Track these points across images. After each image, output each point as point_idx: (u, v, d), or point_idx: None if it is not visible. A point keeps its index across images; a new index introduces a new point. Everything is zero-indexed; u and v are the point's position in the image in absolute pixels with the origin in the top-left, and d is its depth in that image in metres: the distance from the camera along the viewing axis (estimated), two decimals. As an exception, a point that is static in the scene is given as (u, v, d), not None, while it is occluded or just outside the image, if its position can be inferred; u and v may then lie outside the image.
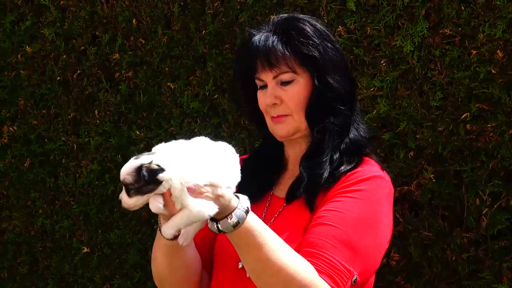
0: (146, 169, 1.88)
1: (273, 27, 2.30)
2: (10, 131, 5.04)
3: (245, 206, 1.99)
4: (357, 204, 2.13)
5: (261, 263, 2.00)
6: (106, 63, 4.64)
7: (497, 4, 3.36)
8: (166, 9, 4.35)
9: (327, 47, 2.28)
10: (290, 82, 2.25)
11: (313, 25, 2.30)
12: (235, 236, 1.99)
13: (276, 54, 2.23)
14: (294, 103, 2.26)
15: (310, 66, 2.25)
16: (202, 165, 1.95)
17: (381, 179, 2.23)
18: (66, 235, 4.94)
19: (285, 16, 2.36)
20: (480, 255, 3.46)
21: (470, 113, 3.45)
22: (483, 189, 3.43)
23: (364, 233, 2.10)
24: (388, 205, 2.22)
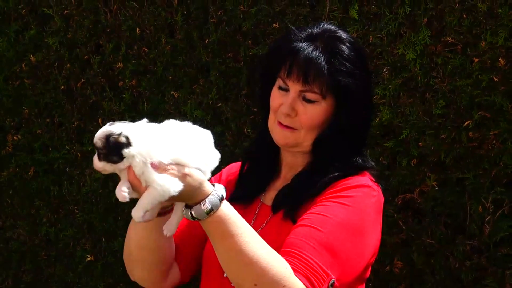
0: (113, 140, 1.89)
1: (318, 40, 2.21)
2: (14, 140, 5.05)
3: (220, 194, 1.95)
4: (342, 209, 2.10)
5: (232, 253, 1.96)
6: (110, 71, 4.65)
7: (499, 12, 3.37)
8: (169, 18, 4.37)
9: (362, 76, 2.23)
10: (312, 102, 2.20)
11: (357, 50, 2.24)
12: (208, 224, 1.95)
13: (315, 74, 2.17)
14: (308, 122, 2.21)
15: (340, 94, 2.20)
16: (168, 143, 1.92)
17: (368, 188, 2.19)
18: (70, 243, 4.95)
19: (331, 33, 2.24)
20: (483, 263, 3.47)
21: (473, 121, 3.46)
22: (486, 197, 3.44)
23: (346, 239, 2.07)
24: (375, 214, 2.18)
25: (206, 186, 1.95)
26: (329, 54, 2.18)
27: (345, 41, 2.22)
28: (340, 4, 3.75)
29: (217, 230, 1.96)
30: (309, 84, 2.17)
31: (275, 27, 3.95)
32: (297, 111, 2.21)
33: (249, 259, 1.95)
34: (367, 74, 2.27)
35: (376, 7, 3.67)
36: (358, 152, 2.28)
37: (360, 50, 2.27)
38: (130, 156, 1.88)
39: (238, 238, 1.95)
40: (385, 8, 3.64)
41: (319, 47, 2.19)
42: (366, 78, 2.25)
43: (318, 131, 2.23)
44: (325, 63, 2.17)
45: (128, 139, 1.89)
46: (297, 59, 2.19)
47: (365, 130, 2.32)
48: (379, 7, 3.66)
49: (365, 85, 2.24)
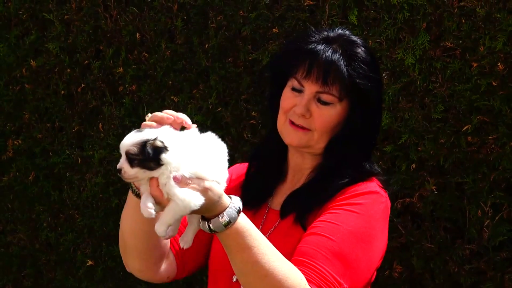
0: (150, 145, 1.88)
1: (335, 43, 2.22)
2: (15, 145, 5.06)
3: (237, 206, 1.97)
4: (353, 217, 2.12)
5: (249, 265, 1.97)
6: (110, 76, 4.66)
7: (498, 17, 3.38)
8: (169, 23, 4.38)
9: (377, 80, 2.26)
10: (328, 104, 2.20)
11: (371, 54, 2.28)
12: (225, 236, 1.97)
13: (335, 76, 2.18)
14: (322, 124, 2.21)
15: (356, 97, 2.21)
16: (190, 156, 1.92)
17: (377, 194, 2.20)
18: (71, 248, 4.95)
19: (346, 37, 2.26)
20: (482, 267, 3.47)
21: (472, 125, 3.47)
22: (485, 201, 3.45)
23: (357, 247, 2.09)
24: (383, 220, 2.20)
25: (224, 199, 1.96)
26: (348, 57, 2.21)
27: (360, 45, 2.25)
28: (340, 9, 3.77)
29: (234, 243, 1.97)
30: (328, 86, 2.19)
31: (275, 32, 3.96)
32: (312, 112, 2.21)
33: (265, 271, 1.97)
34: (379, 76, 2.30)
35: (375, 12, 3.68)
36: (367, 157, 2.30)
37: (374, 54, 2.30)
38: (167, 162, 1.87)
39: (255, 251, 1.97)
40: (384, 13, 3.65)
41: (338, 50, 2.21)
42: (379, 81, 2.29)
43: (331, 134, 2.23)
44: (345, 66, 2.19)
45: (164, 144, 1.88)
46: (317, 60, 2.19)
47: (375, 135, 2.34)
48: (378, 12, 3.67)
49: (379, 89, 2.29)
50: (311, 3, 3.85)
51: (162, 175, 1.88)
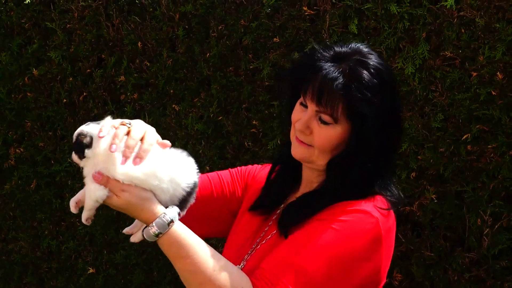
0: (79, 139, 2.07)
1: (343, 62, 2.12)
2: (17, 153, 5.07)
3: (169, 217, 2.02)
4: (330, 232, 2.05)
5: (186, 273, 2.04)
6: (112, 85, 4.68)
7: (497, 27, 3.40)
8: (171, 32, 4.40)
9: (382, 105, 2.11)
10: (327, 124, 2.13)
11: (381, 77, 2.12)
12: (160, 245, 2.04)
13: (328, 97, 2.10)
14: (321, 143, 2.15)
15: (355, 121, 2.12)
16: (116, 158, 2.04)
17: (366, 214, 2.09)
18: (72, 255, 4.97)
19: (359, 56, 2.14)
20: (482, 275, 3.48)
21: (471, 134, 3.48)
22: (484, 209, 3.46)
23: (324, 263, 2.03)
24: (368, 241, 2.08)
25: (153, 208, 2.04)
26: (348, 79, 2.09)
27: (370, 66, 2.11)
28: (340, 19, 3.78)
29: (169, 252, 2.05)
30: (323, 106, 2.11)
31: (276, 41, 3.98)
32: (312, 130, 2.16)
33: (201, 279, 2.02)
34: (389, 103, 2.15)
35: (375, 22, 3.70)
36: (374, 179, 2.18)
37: (384, 78, 2.14)
38: (88, 157, 2.05)
39: (190, 260, 2.03)
40: (384, 23, 3.67)
41: (341, 70, 2.11)
42: (388, 107, 2.14)
43: (332, 152, 2.17)
44: (341, 88, 2.09)
45: (91, 141, 2.06)
46: (315, 79, 2.13)
47: (385, 157, 2.19)
48: (378, 21, 3.69)
49: (385, 115, 2.12)
50: (312, 13, 3.87)
51: (86, 167, 2.06)
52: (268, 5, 4.01)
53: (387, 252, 2.14)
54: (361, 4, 3.72)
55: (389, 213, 2.14)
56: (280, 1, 3.97)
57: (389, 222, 2.14)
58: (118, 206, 2.08)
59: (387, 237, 2.13)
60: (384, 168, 2.21)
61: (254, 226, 2.31)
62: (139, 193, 2.04)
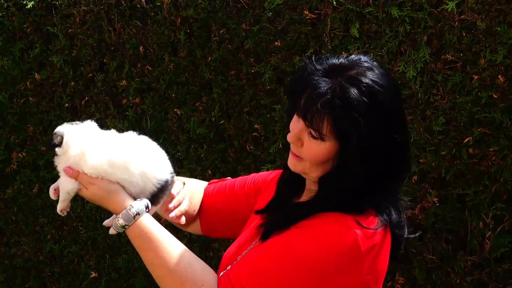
0: (51, 138, 2.20)
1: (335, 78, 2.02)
2: (19, 157, 5.08)
3: (135, 210, 2.16)
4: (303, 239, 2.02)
5: (148, 265, 2.14)
6: (114, 89, 4.69)
7: (498, 30, 3.40)
8: (172, 36, 4.40)
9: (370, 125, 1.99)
10: (316, 138, 2.06)
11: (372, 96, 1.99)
12: (128, 236, 2.16)
13: (313, 115, 2.02)
14: (310, 157, 2.10)
15: (340, 140, 2.03)
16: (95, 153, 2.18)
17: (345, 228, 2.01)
18: (74, 260, 4.97)
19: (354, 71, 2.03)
20: (484, 278, 3.48)
21: (473, 137, 3.48)
22: (486, 213, 3.46)
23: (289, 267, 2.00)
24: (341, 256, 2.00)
25: (120, 200, 2.19)
26: (334, 97, 2.00)
27: (362, 84, 2.00)
28: (341, 23, 3.79)
29: (134, 244, 2.17)
30: (308, 122, 2.05)
31: (277, 45, 3.99)
32: (303, 142, 2.11)
33: (162, 273, 2.11)
34: (382, 125, 2.03)
35: (376, 26, 3.70)
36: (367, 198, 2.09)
37: (377, 97, 2.01)
38: (59, 155, 2.20)
39: (153, 253, 2.13)
40: (386, 26, 3.67)
41: (329, 86, 2.02)
42: (380, 129, 2.02)
43: (323, 167, 2.12)
44: (326, 106, 2.00)
45: (61, 141, 2.18)
46: (305, 94, 2.05)
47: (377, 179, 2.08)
48: (379, 25, 3.69)
49: (376, 136, 2.01)
50: (313, 17, 3.87)
51: (59, 164, 2.21)
52: (270, 9, 4.02)
53: (374, 269, 2.06)
54: (362, 7, 3.72)
55: (376, 232, 2.05)
56: (281, 5, 3.98)
57: (373, 239, 2.04)
58: (88, 197, 2.23)
59: (372, 253, 2.04)
60: (380, 190, 2.09)
61: (253, 230, 2.30)
62: (106, 186, 2.19)
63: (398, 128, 2.08)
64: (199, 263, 2.12)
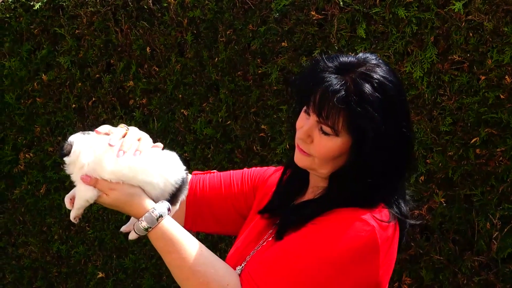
0: (62, 148, 2.14)
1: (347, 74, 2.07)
2: (27, 158, 5.10)
3: (158, 213, 2.12)
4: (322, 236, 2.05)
5: (172, 268, 2.12)
6: (121, 90, 4.70)
7: (505, 30, 3.40)
8: (179, 37, 4.41)
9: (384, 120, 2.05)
10: (328, 135, 2.09)
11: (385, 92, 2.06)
12: (150, 239, 2.12)
13: (329, 110, 2.06)
14: (321, 153, 2.12)
15: (356, 135, 2.07)
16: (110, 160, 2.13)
17: (361, 221, 2.06)
18: (82, 260, 4.98)
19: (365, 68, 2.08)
20: (491, 279, 3.48)
21: (480, 138, 3.48)
22: (493, 213, 3.46)
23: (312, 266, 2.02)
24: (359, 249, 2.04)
25: (142, 203, 2.14)
26: (350, 93, 2.04)
27: (374, 79, 2.06)
28: (348, 23, 3.79)
29: (157, 246, 2.13)
30: (323, 118, 2.08)
31: (284, 45, 3.99)
32: (313, 138, 2.13)
33: (186, 274, 2.09)
34: (394, 120, 2.09)
35: (383, 26, 3.70)
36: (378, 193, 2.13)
37: (389, 93, 2.07)
38: (69, 163, 2.15)
39: (176, 255, 2.10)
40: (392, 27, 3.67)
41: (343, 82, 2.06)
42: (392, 124, 2.08)
43: (333, 163, 2.14)
44: (342, 101, 2.04)
45: (70, 150, 2.13)
46: (317, 90, 2.09)
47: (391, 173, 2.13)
48: (386, 26, 3.69)
49: (388, 131, 2.06)
50: (320, 17, 3.88)
51: (72, 173, 2.17)
52: (276, 9, 4.02)
53: (386, 262, 2.10)
54: (369, 8, 3.73)
55: (389, 225, 2.09)
56: (288, 5, 3.98)
57: (387, 232, 2.09)
58: (109, 204, 2.17)
59: (385, 246, 2.08)
60: (391, 184, 2.15)
61: (259, 229, 2.32)
62: (127, 190, 2.14)
63: (405, 121, 2.13)
64: (221, 263, 2.12)
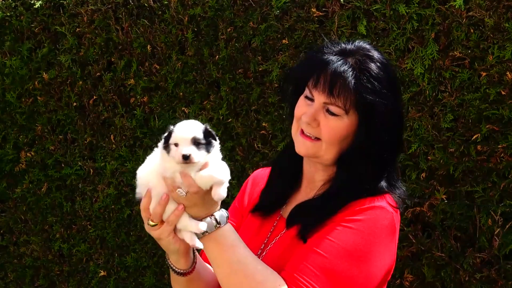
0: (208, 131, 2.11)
1: (350, 56, 2.19)
2: (28, 157, 5.10)
3: (225, 212, 2.14)
4: (350, 234, 2.10)
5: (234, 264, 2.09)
6: (122, 88, 4.69)
7: (506, 26, 3.40)
8: (180, 35, 4.41)
9: (390, 97, 2.18)
10: (335, 115, 2.17)
11: (387, 71, 2.20)
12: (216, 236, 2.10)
13: (340, 88, 2.15)
14: (328, 135, 2.18)
15: (363, 112, 2.16)
16: None
17: (381, 210, 2.15)
18: (83, 258, 4.98)
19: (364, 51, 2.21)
20: (493, 275, 3.47)
21: (481, 134, 3.47)
22: (495, 209, 3.45)
23: (351, 264, 2.07)
24: (387, 236, 2.15)
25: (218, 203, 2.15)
26: (357, 71, 2.16)
27: (376, 60, 2.19)
28: (349, 20, 3.78)
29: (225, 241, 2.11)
30: (334, 97, 2.15)
31: (285, 43, 3.99)
32: (319, 122, 2.19)
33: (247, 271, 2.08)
34: (395, 96, 2.21)
35: (384, 23, 3.70)
36: (383, 174, 2.23)
37: (390, 72, 2.23)
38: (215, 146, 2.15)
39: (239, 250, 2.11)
40: (393, 24, 3.67)
41: (349, 63, 2.17)
42: (394, 99, 2.20)
43: (339, 146, 2.20)
44: (352, 79, 2.15)
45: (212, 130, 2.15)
46: (325, 71, 2.17)
47: (392, 152, 2.25)
48: (387, 22, 3.69)
49: (392, 106, 2.19)
50: (321, 14, 3.87)
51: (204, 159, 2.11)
52: (277, 7, 4.02)
53: (396, 244, 2.21)
54: (369, 5, 3.72)
55: (398, 209, 2.21)
56: (288, 3, 3.98)
57: (398, 215, 2.20)
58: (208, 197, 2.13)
59: (397, 230, 2.20)
60: (391, 164, 2.25)
61: (255, 227, 2.34)
62: None
63: (401, 100, 2.28)
64: (269, 269, 2.11)
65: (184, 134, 2.10)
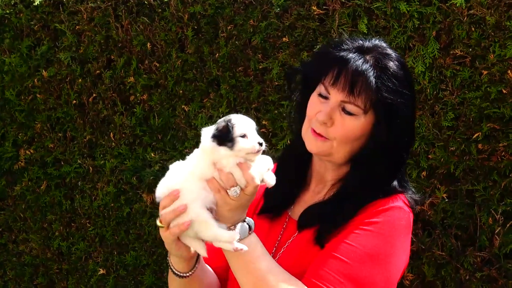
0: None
1: (368, 54, 2.15)
2: (27, 154, 5.09)
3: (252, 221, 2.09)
4: (371, 237, 2.07)
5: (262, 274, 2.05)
6: (121, 86, 4.69)
7: (507, 25, 3.39)
8: (180, 32, 4.40)
9: (408, 96, 2.15)
10: (352, 115, 2.13)
11: (405, 69, 2.19)
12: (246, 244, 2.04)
13: (362, 87, 2.11)
14: (342, 134, 2.14)
15: (383, 111, 2.13)
16: None
17: (399, 210, 2.13)
18: (82, 257, 4.98)
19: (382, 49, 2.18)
20: (493, 274, 3.47)
21: (482, 133, 3.47)
22: (496, 208, 3.44)
23: (374, 269, 2.05)
24: (404, 236, 2.14)
25: None
26: (378, 70, 2.12)
27: (394, 59, 2.16)
28: (349, 18, 3.78)
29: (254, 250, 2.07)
30: (354, 96, 2.11)
31: (285, 41, 3.98)
32: (334, 120, 2.15)
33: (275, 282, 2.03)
34: (413, 94, 2.20)
35: (385, 21, 3.69)
36: (398, 174, 2.21)
37: (407, 70, 2.20)
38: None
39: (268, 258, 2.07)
40: (394, 22, 3.66)
41: (369, 61, 2.13)
42: (412, 98, 2.19)
43: (351, 145, 2.17)
44: (374, 78, 2.11)
45: None
46: (346, 69, 2.13)
47: (405, 152, 2.23)
48: (388, 20, 3.68)
49: (411, 106, 2.18)
50: (321, 12, 3.86)
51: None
52: (277, 5, 4.01)
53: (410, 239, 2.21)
54: (370, 3, 3.71)
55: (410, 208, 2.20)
56: (289, 0, 3.97)
57: (412, 216, 2.20)
58: None
59: (412, 227, 2.20)
60: (403, 164, 2.24)
61: (264, 230, 2.28)
62: None
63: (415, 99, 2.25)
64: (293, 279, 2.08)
65: (250, 124, 2.07)
